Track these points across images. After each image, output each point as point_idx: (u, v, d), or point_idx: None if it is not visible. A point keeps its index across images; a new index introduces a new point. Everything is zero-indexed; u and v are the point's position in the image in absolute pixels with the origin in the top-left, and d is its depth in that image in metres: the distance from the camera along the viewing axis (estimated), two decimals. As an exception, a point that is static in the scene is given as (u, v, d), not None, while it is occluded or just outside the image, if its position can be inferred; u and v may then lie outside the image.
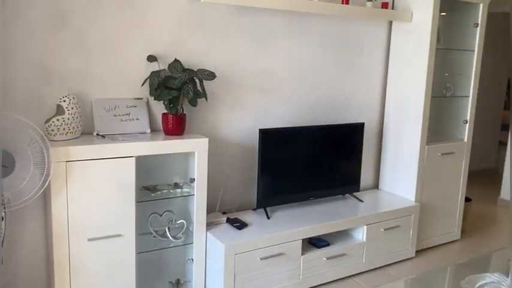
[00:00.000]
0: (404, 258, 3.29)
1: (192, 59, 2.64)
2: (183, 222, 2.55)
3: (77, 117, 2.28)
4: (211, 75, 2.42)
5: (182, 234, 2.55)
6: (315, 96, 3.22)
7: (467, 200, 3.78)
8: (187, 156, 2.55)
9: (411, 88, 3.29)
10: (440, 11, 3.18)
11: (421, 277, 2.79)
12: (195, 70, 2.46)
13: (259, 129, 2.78)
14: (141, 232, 2.47)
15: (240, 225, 2.66)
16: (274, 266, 2.63)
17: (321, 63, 3.19)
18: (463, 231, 3.76)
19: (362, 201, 3.27)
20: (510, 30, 5.15)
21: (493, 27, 5.39)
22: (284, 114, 3.09)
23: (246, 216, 2.84)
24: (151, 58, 2.47)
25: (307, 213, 2.96)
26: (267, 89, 2.99)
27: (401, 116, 3.40)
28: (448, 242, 3.64)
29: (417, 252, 3.38)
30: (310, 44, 3.11)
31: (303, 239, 2.74)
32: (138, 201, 2.36)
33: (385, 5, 3.18)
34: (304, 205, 3.09)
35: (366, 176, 3.59)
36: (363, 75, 3.42)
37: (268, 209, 2.92)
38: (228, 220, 2.73)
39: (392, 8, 3.32)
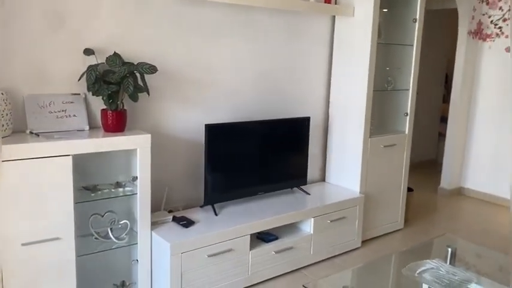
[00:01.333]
0: (351, 248, 3.37)
1: (133, 53, 2.54)
2: (126, 223, 2.46)
3: (6, 114, 2.12)
4: (152, 69, 2.34)
5: (126, 234, 2.46)
6: (261, 90, 3.21)
7: (409, 190, 3.93)
8: (129, 154, 2.46)
9: (354, 82, 3.36)
10: (382, 7, 3.27)
11: (367, 266, 2.86)
12: (135, 64, 2.37)
13: (205, 125, 2.74)
14: (82, 234, 2.36)
15: (187, 223, 2.61)
16: (222, 262, 2.60)
17: (266, 57, 3.19)
18: (406, 220, 3.91)
19: (309, 194, 3.30)
20: (458, 26, 5.38)
21: (432, 24, 5.65)
22: (231, 109, 3.06)
23: (193, 214, 2.78)
24: (88, 51, 2.36)
25: (255, 208, 2.95)
26: (213, 83, 2.94)
27: (345, 110, 3.47)
28: (392, 231, 3.77)
29: (363, 242, 3.48)
30: (255, 38, 3.09)
31: (251, 234, 2.72)
32: (77, 202, 2.25)
33: (328, 0, 3.22)
34: (252, 200, 3.08)
35: (313, 169, 3.64)
36: (309, 69, 3.46)
37: (216, 205, 2.88)
38: (174, 218, 2.66)
39: (336, 3, 3.37)
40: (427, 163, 6.22)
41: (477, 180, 4.83)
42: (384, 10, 3.58)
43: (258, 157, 3.06)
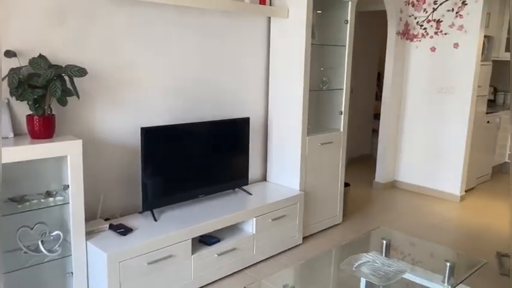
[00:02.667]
0: (293, 245, 3.43)
1: (61, 55, 2.41)
2: (58, 234, 2.32)
3: None
4: (81, 72, 2.23)
5: (59, 246, 2.32)
6: (199, 91, 3.17)
7: (346, 185, 4.07)
8: (59, 161, 2.33)
9: (291, 83, 3.42)
10: (316, 9, 3.35)
11: (309, 262, 2.91)
12: (63, 66, 2.24)
13: (141, 128, 2.66)
14: (9, 249, 2.20)
15: (125, 230, 2.52)
16: (163, 269, 2.53)
17: (203, 59, 3.15)
18: (344, 215, 4.04)
19: (251, 194, 3.32)
20: (387, 27, 5.63)
21: (364, 25, 5.89)
22: (169, 111, 2.99)
23: (131, 221, 2.69)
24: (10, 53, 2.20)
25: (196, 212, 2.91)
26: (148, 86, 2.86)
27: (283, 110, 3.52)
28: (332, 226, 3.88)
29: (304, 238, 3.55)
30: (191, 38, 3.05)
31: (192, 238, 2.68)
32: (3, 215, 2.09)
33: (262, 1, 3.25)
34: (193, 203, 3.04)
35: (254, 169, 3.66)
36: (247, 70, 3.47)
37: (155, 210, 2.81)
38: (111, 226, 2.56)
39: (270, 4, 3.41)
40: (362, 158, 6.48)
41: (409, 173, 5.10)
42: (318, 12, 3.67)
43: (197, 159, 3.02)
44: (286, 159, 3.54)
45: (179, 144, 2.90)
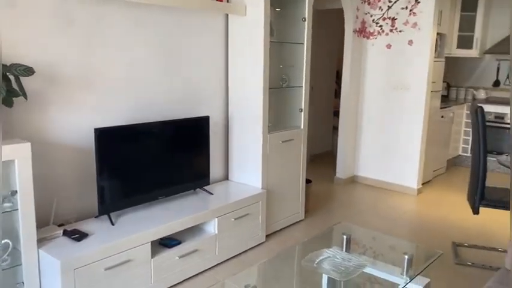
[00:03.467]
0: (256, 243, 3.41)
1: (6, 53, 2.27)
2: (7, 242, 2.20)
3: None
4: (28, 71, 2.12)
5: (8, 255, 2.20)
6: (157, 91, 3.09)
7: (308, 181, 4.09)
8: (6, 166, 2.19)
9: (250, 81, 3.40)
10: (274, 6, 3.34)
11: (272, 260, 2.90)
12: (8, 65, 2.12)
13: (95, 129, 2.55)
14: (-48, 261, 2.06)
15: (79, 236, 2.41)
16: (121, 274, 2.45)
17: (160, 57, 3.07)
18: (306, 211, 4.06)
19: (212, 194, 3.27)
20: (345, 24, 5.69)
21: (323, 23, 5.95)
22: (125, 111, 2.90)
23: (87, 226, 2.59)
24: None
25: (156, 214, 2.84)
26: (103, 85, 2.76)
27: (244, 108, 3.49)
28: (294, 223, 3.89)
29: (267, 236, 3.54)
30: (148, 36, 2.96)
31: (152, 242, 2.61)
32: None
33: (219, -2, 3.21)
34: (152, 205, 2.97)
35: (215, 168, 3.62)
36: (206, 69, 3.42)
37: (113, 214, 2.72)
38: (65, 232, 2.45)
39: (228, 1, 3.37)
40: (324, 155, 6.56)
41: (368, 168, 5.20)
42: (277, 10, 3.67)
43: (156, 160, 2.94)
44: (248, 158, 3.52)
45: (136, 145, 2.81)
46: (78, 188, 2.72)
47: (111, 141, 2.63)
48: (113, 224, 2.63)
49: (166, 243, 2.79)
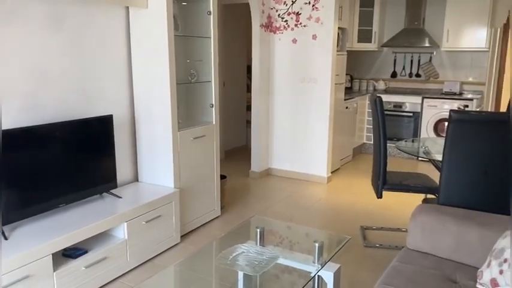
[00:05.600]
0: (171, 245, 3.31)
1: None
2: None
3: None
4: None
5: None
6: (55, 90, 2.84)
7: (222, 177, 4.06)
8: None
9: (156, 76, 3.26)
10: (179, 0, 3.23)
11: (186, 260, 2.83)
12: None
13: (-22, 134, 2.27)
14: None
15: (-36, 255, 2.14)
16: (19, 293, 2.22)
17: (57, 53, 2.82)
18: (222, 207, 4.03)
19: (121, 198, 3.10)
20: (252, 19, 5.70)
21: (231, 17, 5.94)
22: (17, 113, 2.62)
23: (-26, 243, 2.31)
24: None
25: (57, 223, 2.61)
26: (-16, 85, 2.46)
27: (150, 105, 3.35)
28: (211, 220, 3.84)
29: (182, 236, 3.45)
30: (39, 32, 2.70)
31: (53, 254, 2.40)
32: None
33: (118, -10, 3.03)
34: (53, 214, 2.73)
35: (124, 170, 3.44)
36: (106, 65, 3.21)
37: (6, 227, 2.45)
38: None
39: (127, -6, 3.20)
40: (239, 150, 6.59)
41: (281, 160, 5.31)
42: (184, 4, 3.57)
43: (55, 165, 2.71)
44: (158, 157, 3.39)
45: (32, 149, 2.56)
46: (-38, 201, 2.41)
47: (1, 146, 2.36)
48: (6, 239, 2.37)
49: (70, 253, 2.58)
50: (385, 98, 6.04)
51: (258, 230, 2.44)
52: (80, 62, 3.00)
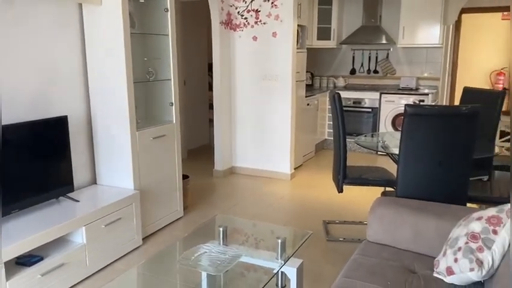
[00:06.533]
0: (132, 248, 3.23)
1: None
2: None
3: None
4: None
5: None
6: (5, 90, 2.70)
7: (185, 177, 4.00)
8: None
9: (112, 75, 3.17)
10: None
11: (148, 262, 2.77)
12: None
13: None
14: None
15: None
16: (-32, 306, 2.10)
17: (4, 52, 2.68)
18: (185, 208, 3.98)
19: (78, 201, 3.00)
20: (211, 16, 5.64)
21: (190, 14, 5.86)
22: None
23: None
24: None
25: (10, 230, 2.49)
26: None
27: (108, 105, 3.25)
28: (173, 221, 3.78)
29: (144, 239, 3.38)
30: (-20, 28, 2.56)
31: (5, 262, 2.28)
32: None
33: (69, -14, 2.92)
34: (6, 221, 2.60)
35: (81, 173, 3.32)
36: (60, 64, 3.09)
37: (-48, 237, 2.31)
38: None
39: (80, -10, 3.09)
40: (202, 149, 6.54)
41: (244, 158, 5.30)
42: (141, 1, 3.48)
43: (6, 169, 2.57)
44: (117, 158, 3.30)
45: (-23, 154, 2.43)
46: None
47: None
48: (-48, 249, 2.24)
49: (24, 261, 2.47)
50: (345, 94, 6.15)
51: (221, 229, 2.42)
52: (31, 62, 2.87)
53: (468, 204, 2.70)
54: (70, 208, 2.88)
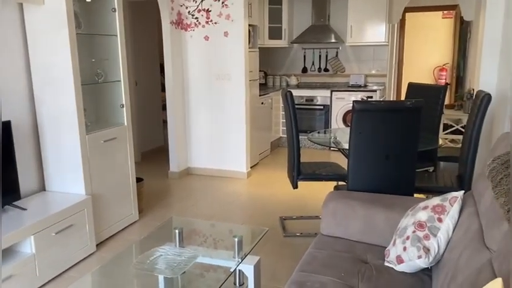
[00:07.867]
0: (86, 255, 3.13)
1: None
2: None
3: None
4: None
5: None
6: None
7: (139, 180, 3.93)
8: None
9: (58, 76, 3.06)
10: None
11: (102, 269, 2.70)
12: None
13: None
14: None
15: None
16: None
17: None
18: (140, 211, 3.91)
19: (25, 209, 2.87)
20: (161, 16, 5.58)
21: (140, 14, 5.74)
22: None
23: None
24: None
25: (-51, 244, 2.35)
26: None
27: (54, 108, 3.13)
28: (128, 225, 3.70)
29: (98, 245, 3.29)
30: None
31: None
32: None
33: (8, -16, 2.79)
34: None
35: (28, 179, 3.18)
36: (1, 67, 2.95)
37: None
38: None
39: (20, -11, 2.95)
40: (157, 150, 6.43)
41: (200, 158, 5.27)
42: (87, 0, 3.37)
43: None
44: (66, 163, 3.18)
45: None
46: None
47: None
48: None
49: (-33, 276, 2.34)
50: (298, 92, 6.26)
51: (177, 231, 2.40)
52: (-33, 64, 2.72)
53: (415, 195, 2.82)
54: (17, 217, 2.75)
